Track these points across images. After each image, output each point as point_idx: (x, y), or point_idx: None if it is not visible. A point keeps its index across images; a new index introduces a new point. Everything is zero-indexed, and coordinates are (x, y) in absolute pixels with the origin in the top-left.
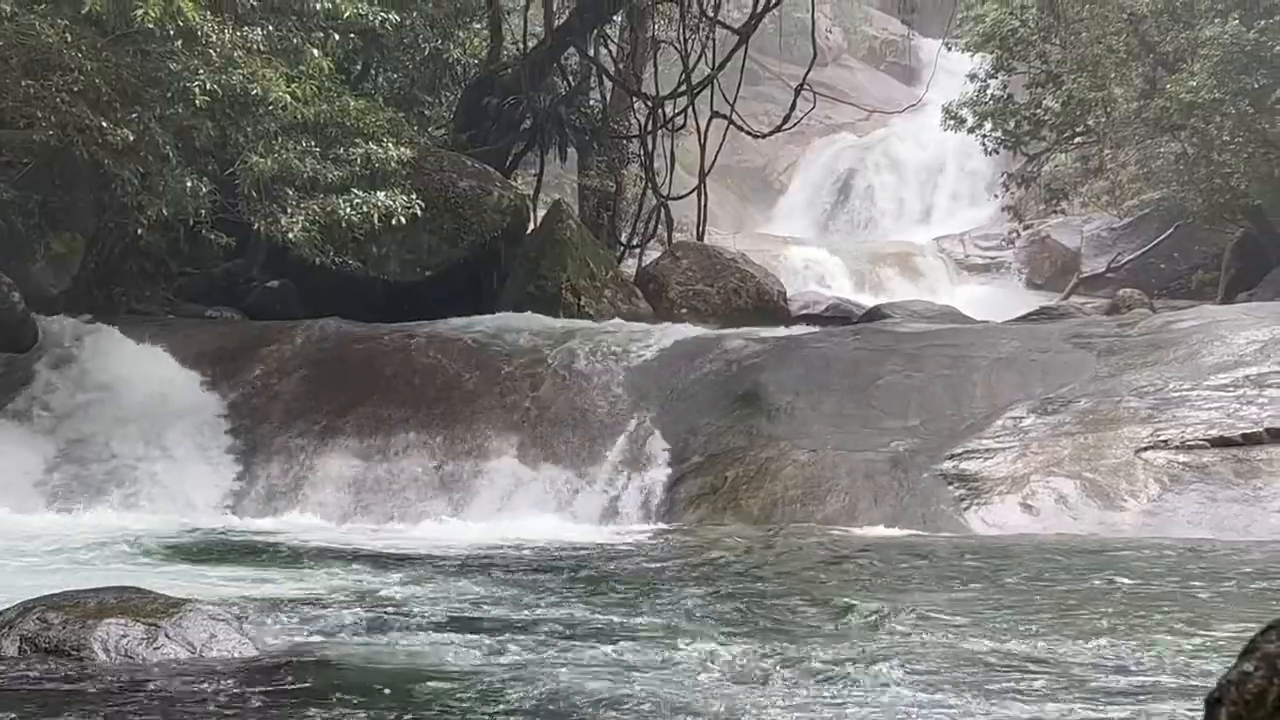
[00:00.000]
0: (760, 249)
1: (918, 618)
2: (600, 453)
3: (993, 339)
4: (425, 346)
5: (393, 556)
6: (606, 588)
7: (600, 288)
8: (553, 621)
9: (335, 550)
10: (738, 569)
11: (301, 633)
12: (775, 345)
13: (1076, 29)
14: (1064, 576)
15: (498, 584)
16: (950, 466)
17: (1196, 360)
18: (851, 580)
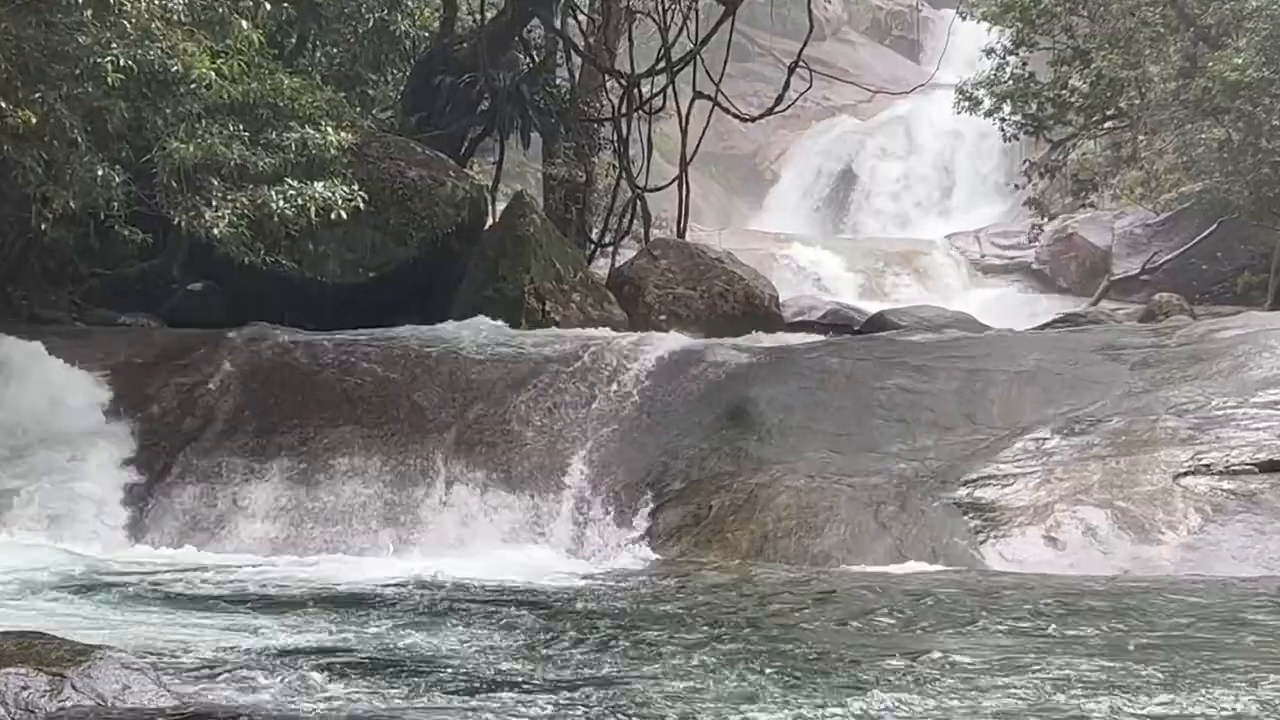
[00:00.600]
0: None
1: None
2: (568, 478)
3: (1012, 350)
4: (369, 358)
5: (331, 596)
6: (571, 636)
7: (568, 291)
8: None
9: (264, 589)
10: (722, 613)
11: (225, 683)
12: (766, 356)
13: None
14: (1095, 621)
15: (447, 631)
16: (964, 494)
17: (1243, 374)
18: (856, 628)
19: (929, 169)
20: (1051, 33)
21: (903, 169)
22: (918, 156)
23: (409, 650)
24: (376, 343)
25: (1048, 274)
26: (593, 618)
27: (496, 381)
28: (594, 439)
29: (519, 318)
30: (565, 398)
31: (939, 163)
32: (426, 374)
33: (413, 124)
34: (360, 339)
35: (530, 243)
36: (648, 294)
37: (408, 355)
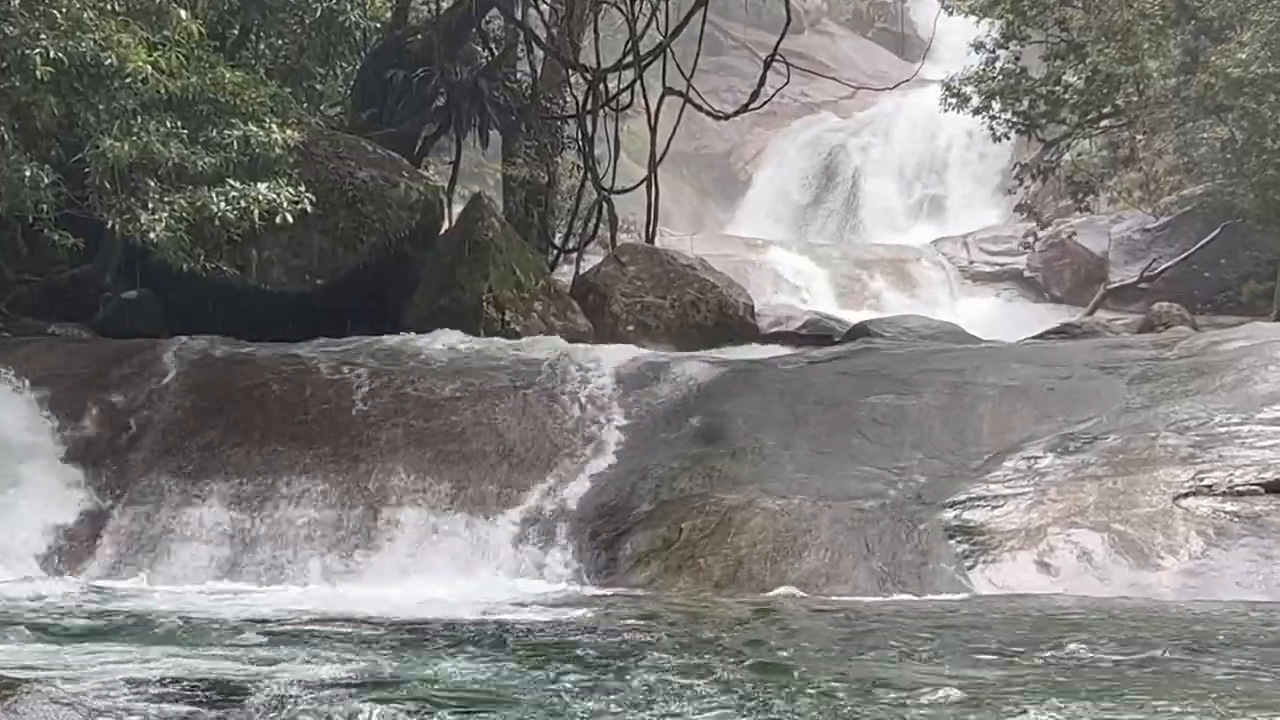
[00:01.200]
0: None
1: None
2: (530, 499)
3: (1003, 363)
4: (317, 372)
5: (275, 627)
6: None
7: (529, 300)
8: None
9: (203, 618)
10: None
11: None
12: (741, 370)
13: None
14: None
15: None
16: (952, 516)
17: (1248, 388)
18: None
19: (914, 170)
20: (1044, 25)
21: (886, 170)
22: (902, 157)
23: (351, 686)
24: (325, 355)
25: (1040, 282)
26: (552, 651)
27: (452, 397)
28: (556, 457)
29: (477, 328)
30: (526, 414)
31: (925, 164)
32: (378, 389)
33: (363, 121)
34: (307, 350)
35: (489, 248)
36: (614, 303)
37: (358, 369)
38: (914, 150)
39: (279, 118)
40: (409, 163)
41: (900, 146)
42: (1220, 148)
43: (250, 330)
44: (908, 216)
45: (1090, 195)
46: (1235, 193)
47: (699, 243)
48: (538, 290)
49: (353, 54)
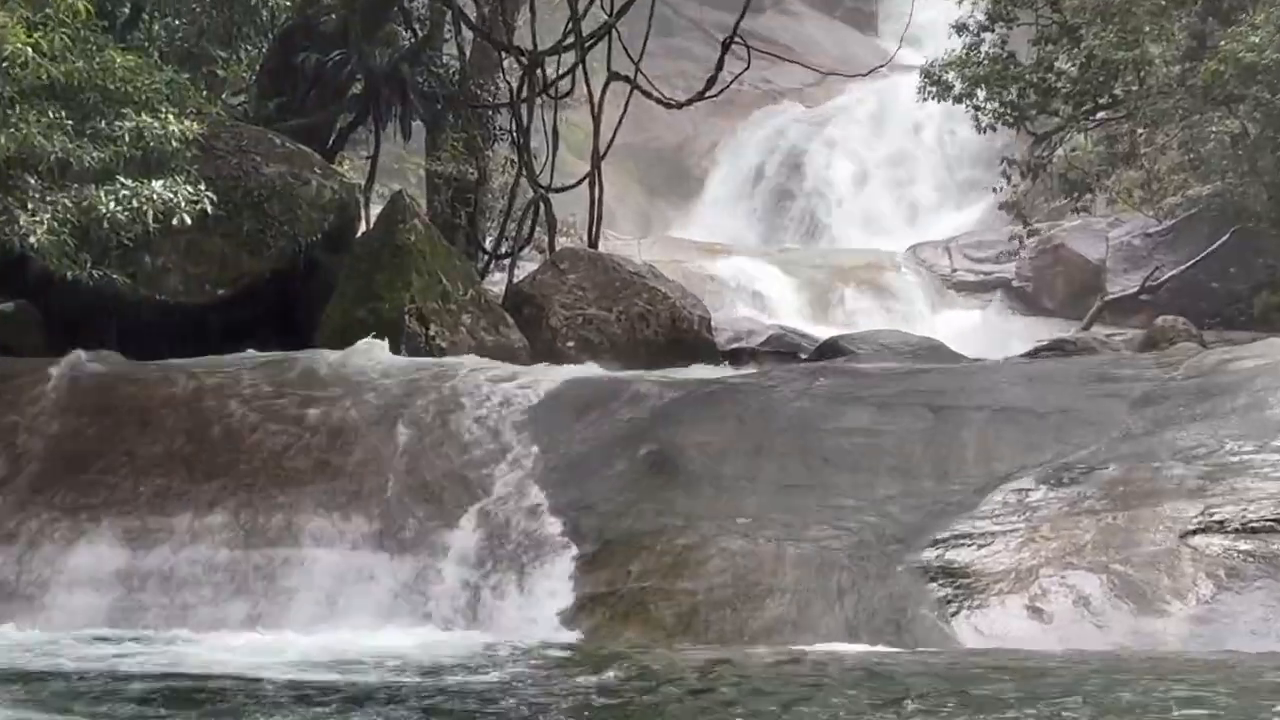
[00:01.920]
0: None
1: None
2: (458, 538)
3: (989, 384)
4: (219, 392)
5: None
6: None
7: (457, 312)
8: None
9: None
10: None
11: None
12: (697, 391)
13: None
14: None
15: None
16: (933, 556)
17: (1263, 412)
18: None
19: (890, 166)
20: (1034, 5)
21: (858, 166)
22: (876, 151)
23: None
24: (226, 374)
25: (1030, 292)
26: (478, 717)
27: (371, 422)
28: (489, 491)
29: (398, 344)
30: (455, 441)
31: (902, 159)
32: (287, 414)
33: (271, 111)
34: (207, 369)
35: (411, 253)
36: (553, 316)
37: (264, 390)
38: (889, 144)
39: (176, 107)
40: (322, 157)
41: (874, 140)
42: (1230, 143)
43: (143, 347)
44: (882, 219)
45: (1086, 195)
46: (1247, 193)
47: (648, 247)
48: (466, 301)
49: (259, 35)
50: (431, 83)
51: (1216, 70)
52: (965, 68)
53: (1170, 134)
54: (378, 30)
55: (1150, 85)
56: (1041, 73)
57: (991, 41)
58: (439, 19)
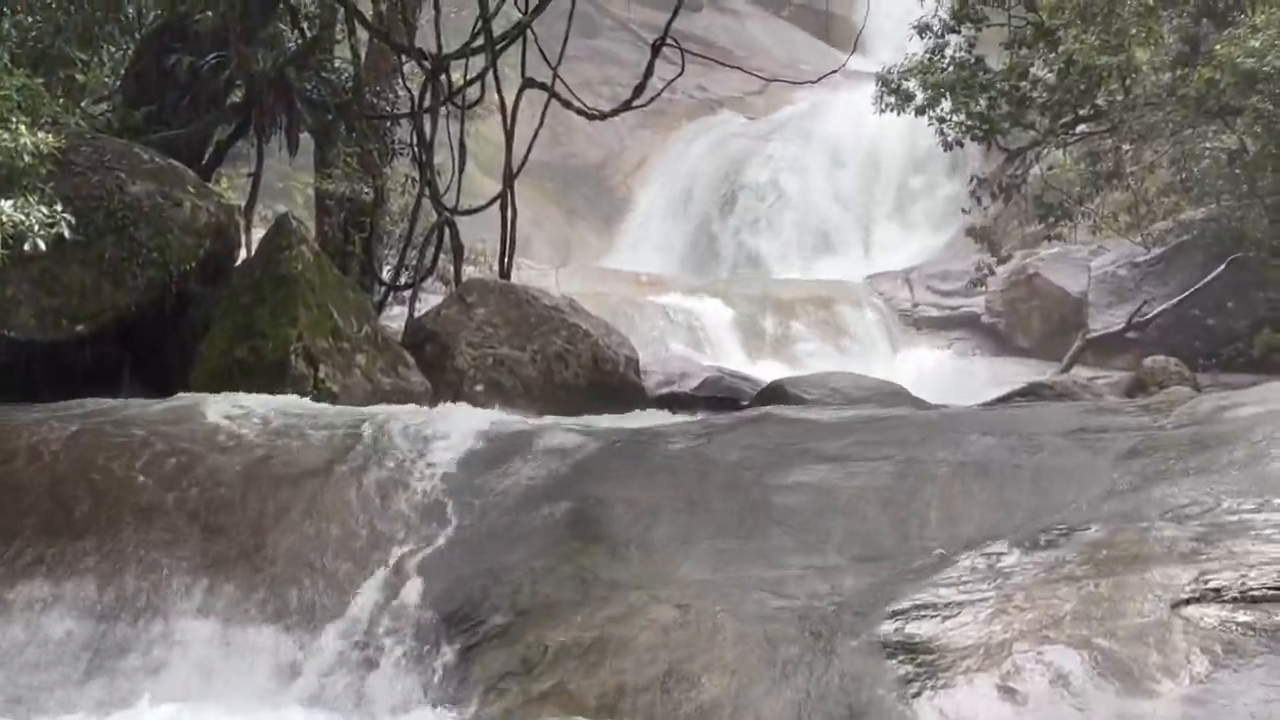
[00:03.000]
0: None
1: None
2: (351, 609)
3: (955, 433)
4: (76, 444)
5: None
6: None
7: (350, 351)
8: None
9: None
10: None
11: None
12: (623, 442)
13: None
14: None
15: None
16: (892, 629)
17: (1264, 466)
18: None
19: (843, 185)
20: (1005, 3)
21: (807, 185)
22: (827, 168)
23: None
24: (86, 423)
25: (1002, 329)
26: None
27: (250, 477)
28: (383, 555)
29: (283, 387)
30: (345, 498)
31: (857, 177)
32: (155, 466)
33: (138, 121)
34: (63, 416)
35: (298, 284)
36: (459, 355)
37: (130, 440)
38: (842, 160)
39: (28, 116)
40: (196, 175)
41: (824, 155)
42: (1227, 160)
43: None
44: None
45: (1064, 220)
46: (1246, 218)
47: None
48: (361, 339)
49: (124, 35)
50: (321, 90)
51: (1211, 78)
52: (928, 74)
53: (1160, 150)
54: (260, 30)
55: (1137, 95)
56: (1014, 80)
57: (958, 45)
58: (330, 18)
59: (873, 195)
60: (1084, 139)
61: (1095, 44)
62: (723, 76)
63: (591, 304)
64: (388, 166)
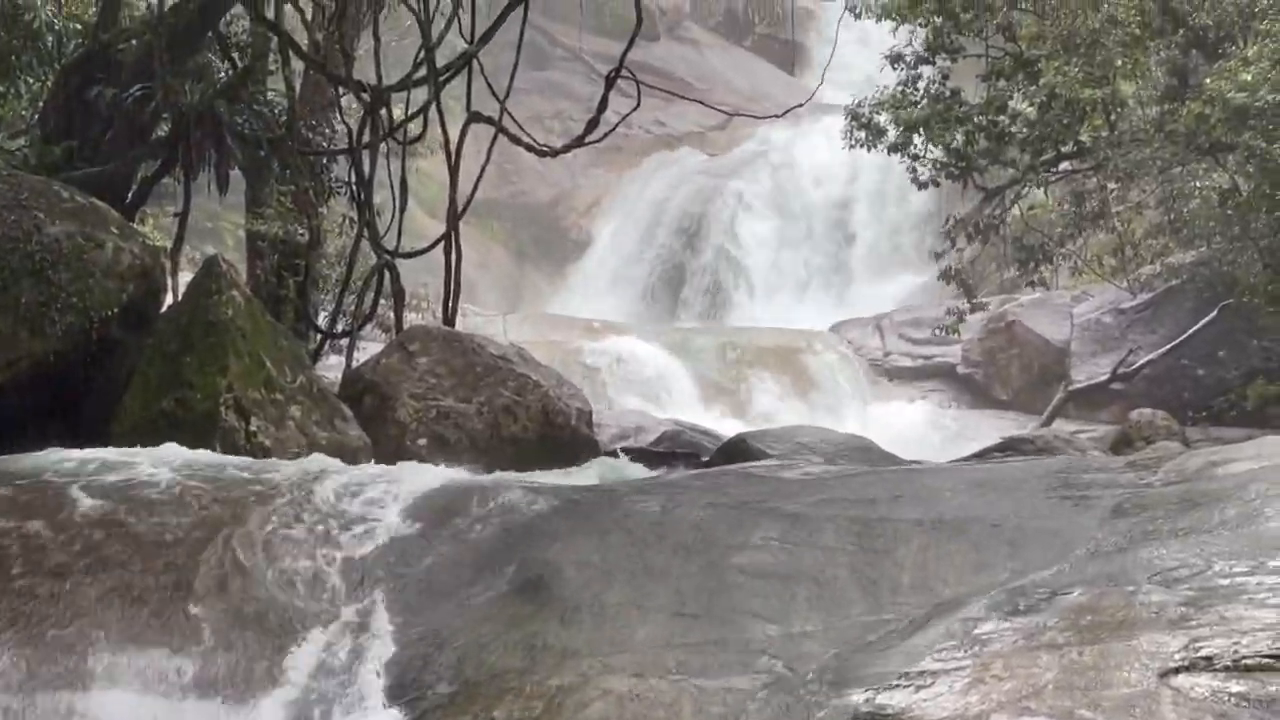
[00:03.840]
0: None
1: None
2: (286, 679)
3: (930, 491)
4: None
5: None
6: None
7: (284, 402)
8: None
9: None
10: None
11: None
12: (575, 500)
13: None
14: None
15: None
16: (862, 701)
17: (1257, 526)
18: None
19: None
20: (983, 33)
21: (772, 225)
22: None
23: None
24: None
25: (979, 380)
26: None
27: (178, 539)
28: (320, 621)
29: (212, 440)
30: (280, 561)
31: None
32: (75, 526)
33: (57, 157)
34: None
35: (228, 332)
36: (400, 408)
37: (46, 497)
38: (810, 200)
39: None
40: (119, 214)
41: (790, 194)
42: (1219, 201)
43: None
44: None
45: (1046, 263)
46: (1238, 261)
47: (516, 325)
48: (295, 390)
49: (43, 66)
50: (253, 124)
51: (1202, 113)
52: (900, 108)
53: (1147, 189)
54: (188, 60)
55: (1123, 131)
56: (992, 115)
57: (932, 76)
58: (262, 47)
59: (842, 237)
60: (1066, 177)
61: (1078, 76)
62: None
63: (542, 353)
64: (324, 206)
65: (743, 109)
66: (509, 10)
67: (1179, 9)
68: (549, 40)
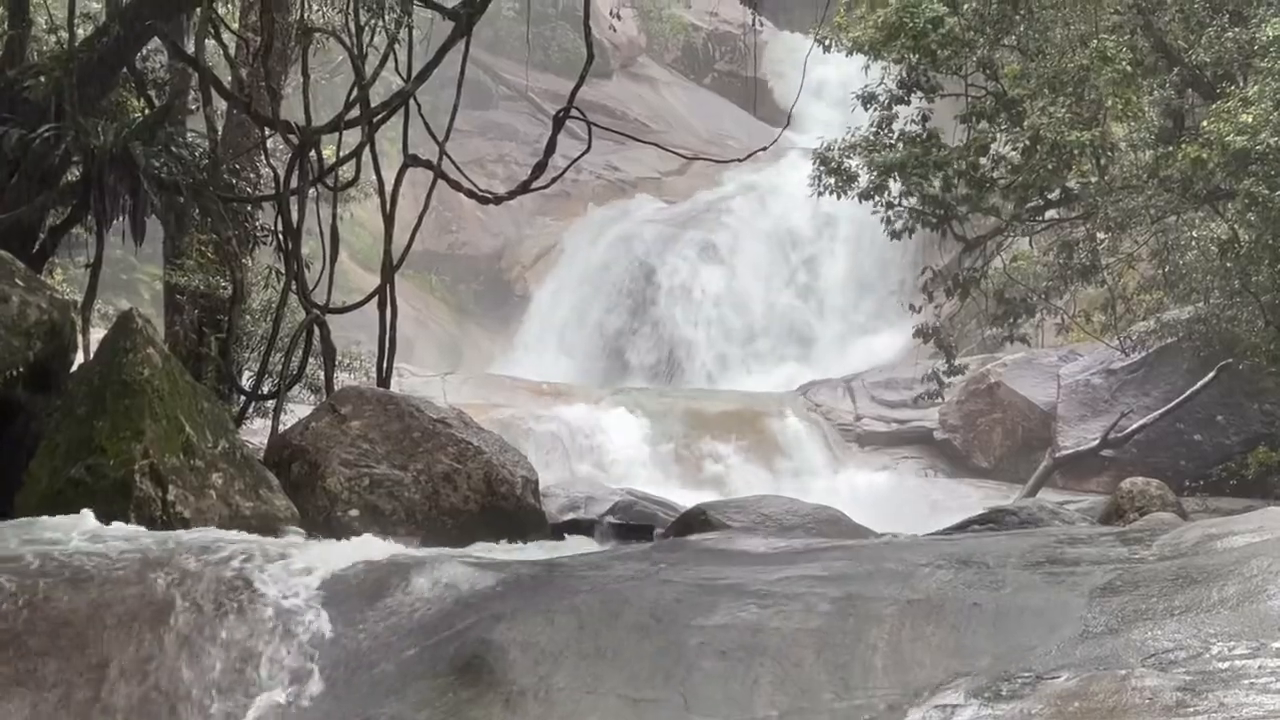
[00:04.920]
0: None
1: None
2: None
3: (905, 567)
4: None
5: None
6: None
7: (204, 470)
8: None
9: None
10: None
11: None
12: (520, 576)
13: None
14: None
15: None
16: None
17: (1258, 605)
18: None
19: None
20: (962, 70)
21: (735, 279)
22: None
23: None
24: None
25: (958, 446)
26: None
27: (89, 619)
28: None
29: (126, 511)
30: (198, 642)
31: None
32: None
33: None
34: None
35: (144, 393)
36: (330, 475)
37: None
38: (775, 250)
39: None
40: (25, 265)
41: (754, 244)
42: (1217, 252)
43: None
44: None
45: (1030, 320)
46: (1238, 318)
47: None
48: (217, 456)
49: None
50: (172, 168)
51: (1199, 158)
52: (873, 151)
53: (1140, 240)
54: (101, 98)
55: (1114, 176)
56: (973, 158)
57: (908, 117)
58: (182, 85)
59: (810, 291)
60: (1053, 226)
61: (1065, 117)
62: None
63: (484, 417)
64: (249, 257)
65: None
66: (449, 45)
67: (1174, 45)
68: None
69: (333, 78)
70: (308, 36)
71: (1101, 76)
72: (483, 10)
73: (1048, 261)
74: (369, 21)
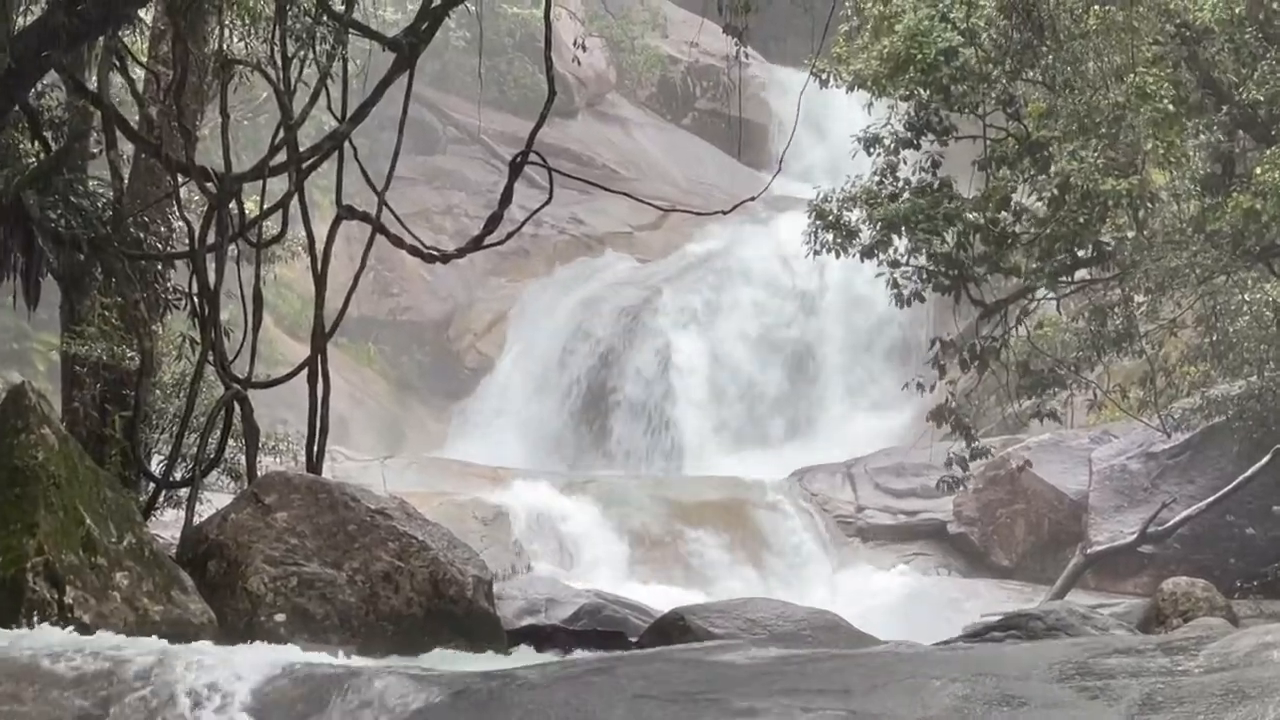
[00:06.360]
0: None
1: None
2: None
3: (914, 680)
4: None
5: None
6: None
7: (107, 569)
8: None
9: None
10: None
11: None
12: (472, 692)
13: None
14: None
15: None
16: None
17: None
18: None
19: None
20: (978, 108)
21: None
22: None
23: None
24: None
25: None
26: None
27: None
28: None
29: (17, 616)
30: None
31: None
32: None
33: None
34: None
35: (38, 480)
36: (253, 575)
37: None
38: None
39: None
40: None
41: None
42: (1273, 318)
43: None
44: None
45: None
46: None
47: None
48: (122, 553)
49: None
50: (71, 220)
51: (1251, 209)
52: (876, 203)
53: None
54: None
55: (1153, 231)
56: (992, 211)
57: (916, 163)
58: (82, 125)
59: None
60: (1084, 288)
61: (1098, 163)
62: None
63: (430, 507)
64: (159, 323)
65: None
66: (389, 80)
67: (1223, 80)
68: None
69: (256, 117)
70: (227, 70)
71: (1140, 116)
72: (428, 40)
73: (1078, 329)
74: (297, 52)
